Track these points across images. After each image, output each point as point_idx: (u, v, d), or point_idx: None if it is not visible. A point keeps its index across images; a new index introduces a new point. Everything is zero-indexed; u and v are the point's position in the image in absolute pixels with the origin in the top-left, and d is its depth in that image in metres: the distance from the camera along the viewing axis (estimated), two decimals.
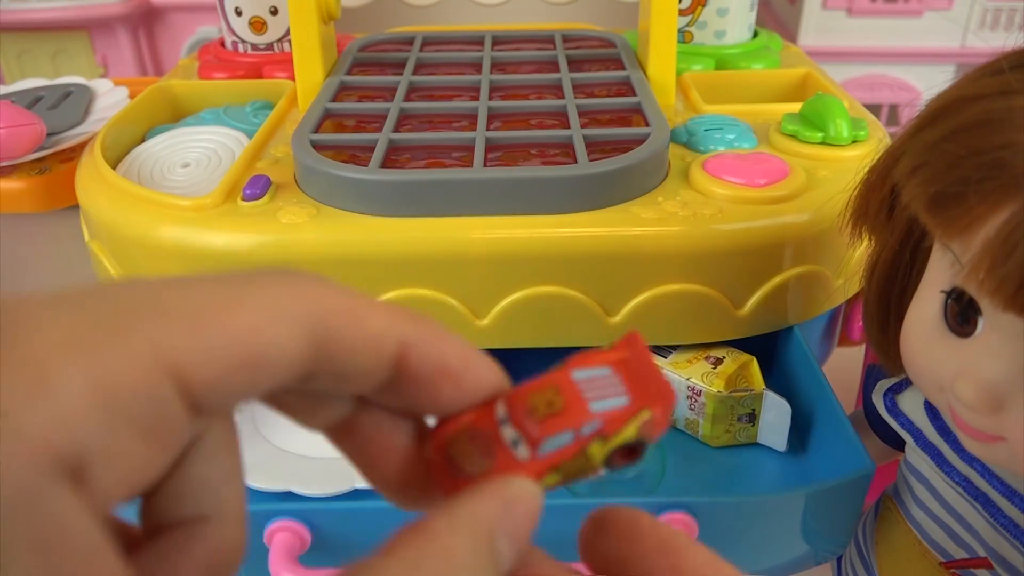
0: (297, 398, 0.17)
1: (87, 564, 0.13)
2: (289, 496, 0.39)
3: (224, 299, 0.14)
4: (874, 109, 0.74)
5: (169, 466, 0.15)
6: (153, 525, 0.16)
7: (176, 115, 0.55)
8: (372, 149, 0.42)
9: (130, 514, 0.16)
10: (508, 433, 0.16)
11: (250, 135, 0.48)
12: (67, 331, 0.13)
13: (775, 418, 0.40)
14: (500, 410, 0.17)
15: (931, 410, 0.34)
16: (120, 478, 0.14)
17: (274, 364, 0.15)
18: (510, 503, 0.16)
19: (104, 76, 0.75)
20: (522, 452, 0.16)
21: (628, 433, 0.16)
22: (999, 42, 0.28)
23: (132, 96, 0.56)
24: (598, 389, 0.16)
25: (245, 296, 0.15)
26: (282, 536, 0.35)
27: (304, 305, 0.15)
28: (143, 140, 0.51)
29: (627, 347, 0.17)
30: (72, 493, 0.13)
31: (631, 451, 0.17)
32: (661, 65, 0.52)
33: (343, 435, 0.18)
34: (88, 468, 0.13)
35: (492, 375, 0.18)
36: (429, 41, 0.59)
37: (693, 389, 0.41)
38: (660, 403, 0.16)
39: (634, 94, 0.48)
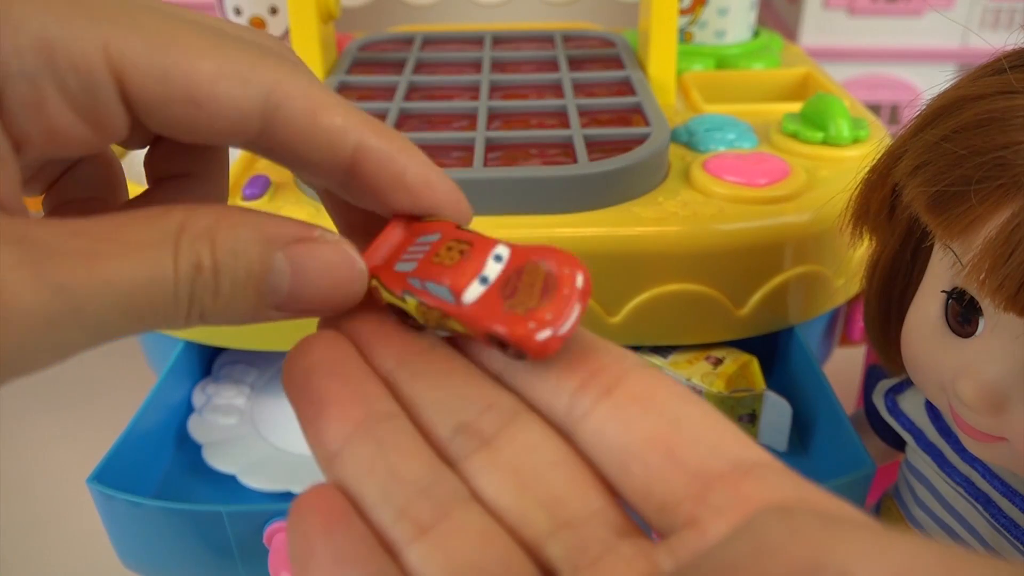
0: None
1: None
2: (289, 496, 0.39)
3: (198, 43, 0.16)
4: (875, 109, 0.74)
5: (106, 146, 0.17)
6: (154, 178, 0.20)
7: None
8: None
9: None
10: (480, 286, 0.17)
11: None
12: None
13: (776, 418, 0.40)
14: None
15: (932, 410, 0.34)
16: (40, 129, 0.15)
17: (215, 114, 0.16)
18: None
19: None
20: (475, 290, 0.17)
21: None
22: (1000, 42, 0.28)
23: None
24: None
25: (217, 48, 0.16)
26: (282, 536, 0.35)
27: (267, 79, 0.16)
28: None
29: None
30: None
31: None
32: (661, 65, 0.52)
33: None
34: (4, 97, 0.15)
35: (451, 195, 0.19)
36: (429, 41, 0.59)
37: (693, 389, 0.41)
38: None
39: (634, 94, 0.48)
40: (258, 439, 0.42)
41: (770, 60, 0.58)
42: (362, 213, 0.20)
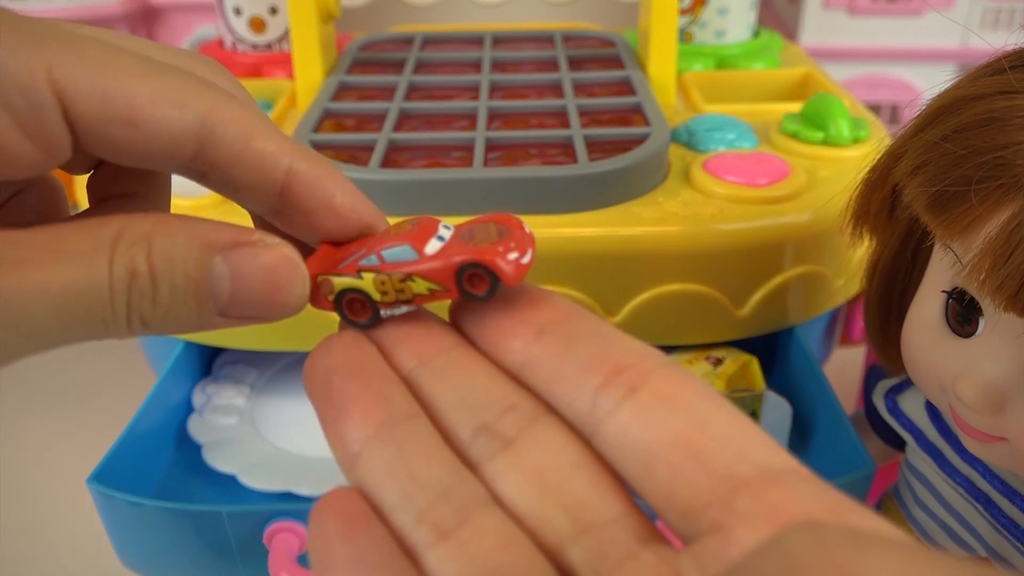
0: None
1: None
2: (289, 496, 0.39)
3: (137, 69, 0.16)
4: (875, 109, 0.74)
5: (50, 167, 0.17)
6: (96, 199, 0.20)
7: None
8: (372, 149, 0.42)
9: None
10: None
11: None
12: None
13: (776, 418, 0.40)
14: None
15: (932, 410, 0.34)
16: None
17: (152, 136, 0.16)
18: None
19: None
20: (437, 244, 0.18)
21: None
22: (1000, 42, 0.28)
23: None
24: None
25: (156, 74, 0.17)
26: (282, 536, 0.35)
27: (202, 104, 0.17)
28: None
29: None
30: None
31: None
32: (661, 65, 0.52)
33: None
34: None
35: (377, 220, 0.20)
36: (429, 41, 0.59)
37: None
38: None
39: (634, 94, 0.48)
40: (258, 439, 0.42)
41: (770, 60, 0.58)
42: (293, 243, 0.20)
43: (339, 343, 0.18)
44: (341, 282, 0.18)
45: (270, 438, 0.42)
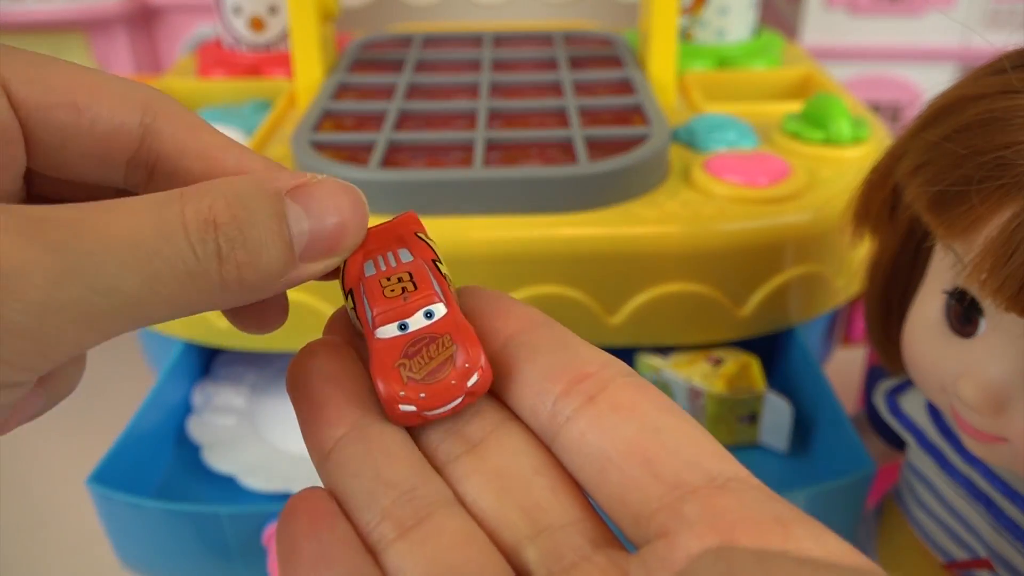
0: None
1: None
2: (288, 497, 0.39)
3: (77, 66, 0.17)
4: (875, 108, 0.74)
5: (9, 175, 0.17)
6: None
7: None
8: (372, 149, 0.42)
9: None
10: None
11: (249, 134, 0.48)
12: None
13: (776, 419, 0.40)
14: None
15: (933, 411, 0.34)
16: None
17: (96, 119, 0.17)
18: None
19: None
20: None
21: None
22: (1001, 41, 0.28)
23: None
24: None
25: (94, 71, 0.17)
26: None
27: (143, 94, 0.17)
28: None
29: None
30: None
31: None
32: (662, 64, 0.52)
33: None
34: None
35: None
36: (429, 41, 0.59)
37: (694, 390, 0.40)
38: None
39: (634, 93, 0.48)
40: (257, 439, 0.42)
41: (771, 60, 0.58)
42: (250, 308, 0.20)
43: (322, 347, 0.19)
44: (340, 284, 0.19)
45: (269, 438, 0.42)
